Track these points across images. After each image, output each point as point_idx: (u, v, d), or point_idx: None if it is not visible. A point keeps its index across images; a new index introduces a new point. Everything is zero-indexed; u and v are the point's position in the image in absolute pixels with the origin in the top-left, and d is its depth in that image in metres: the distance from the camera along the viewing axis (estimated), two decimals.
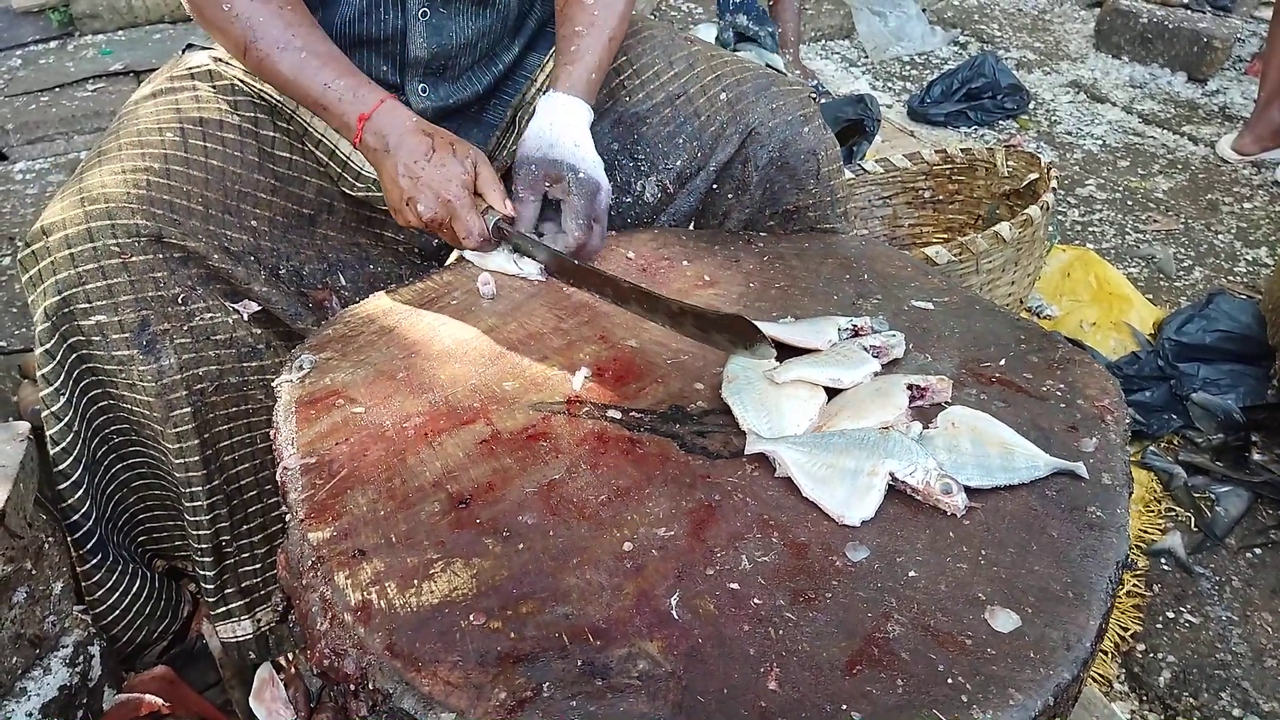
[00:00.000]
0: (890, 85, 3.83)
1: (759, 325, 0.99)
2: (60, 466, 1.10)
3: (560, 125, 1.15)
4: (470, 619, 0.71)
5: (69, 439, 1.09)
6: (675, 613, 0.72)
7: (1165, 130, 3.44)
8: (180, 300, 1.08)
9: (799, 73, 3.55)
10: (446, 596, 0.73)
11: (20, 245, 1.08)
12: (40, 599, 1.15)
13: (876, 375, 0.96)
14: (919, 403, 0.93)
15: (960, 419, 0.89)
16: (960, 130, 3.42)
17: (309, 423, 0.92)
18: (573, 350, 1.03)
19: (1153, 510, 1.77)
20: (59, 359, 1.06)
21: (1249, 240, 2.73)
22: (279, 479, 0.87)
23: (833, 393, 0.94)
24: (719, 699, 0.65)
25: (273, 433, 0.93)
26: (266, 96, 1.20)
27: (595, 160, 1.16)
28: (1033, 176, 2.11)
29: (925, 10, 4.32)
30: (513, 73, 1.34)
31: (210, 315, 1.10)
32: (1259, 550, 1.68)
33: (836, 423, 0.89)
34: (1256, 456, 1.79)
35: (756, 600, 0.73)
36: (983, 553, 0.77)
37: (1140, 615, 1.57)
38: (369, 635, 0.70)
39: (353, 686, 0.70)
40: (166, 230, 1.07)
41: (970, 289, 1.19)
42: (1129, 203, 2.95)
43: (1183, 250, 2.69)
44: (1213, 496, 1.77)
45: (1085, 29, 4.37)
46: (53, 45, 3.82)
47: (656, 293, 1.02)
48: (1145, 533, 1.72)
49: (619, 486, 0.84)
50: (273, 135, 1.20)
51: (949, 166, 2.28)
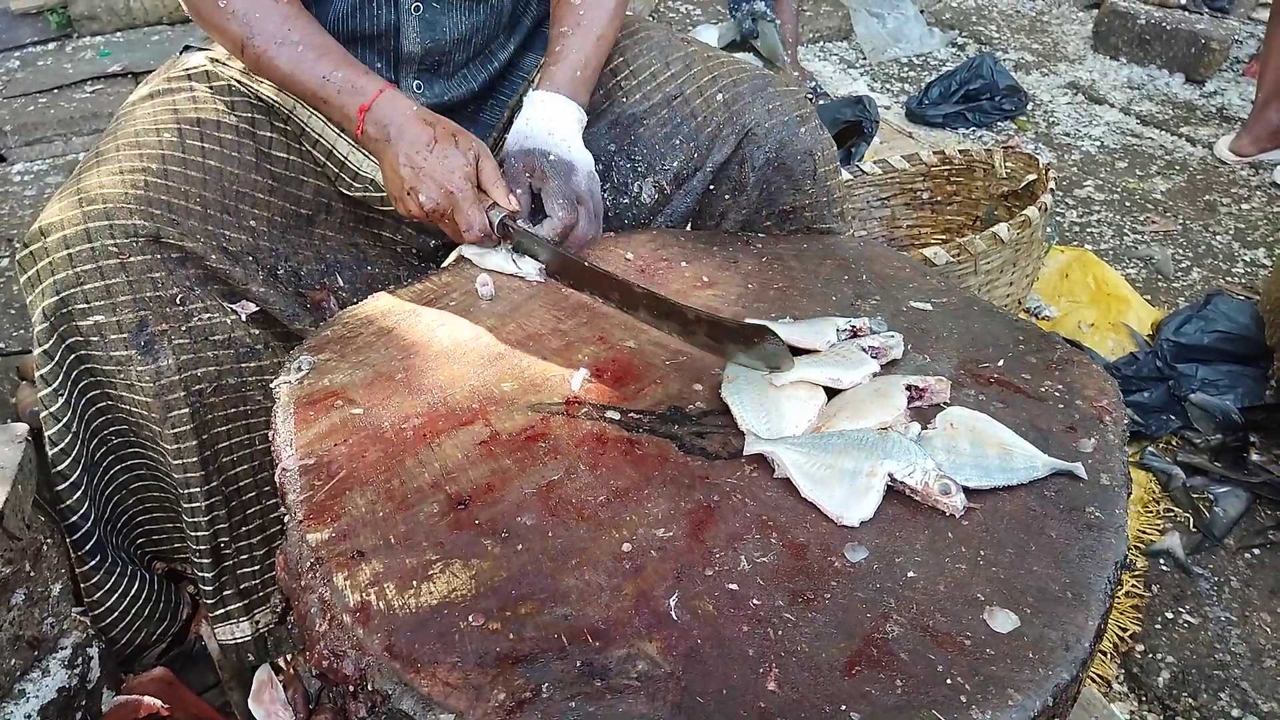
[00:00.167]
0: (888, 87, 3.83)
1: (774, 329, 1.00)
2: (59, 467, 1.10)
3: (537, 119, 1.17)
4: (469, 620, 0.71)
5: (67, 440, 1.09)
6: (674, 613, 0.72)
7: (1163, 131, 3.45)
8: (178, 300, 1.08)
9: (797, 74, 3.55)
10: (445, 597, 0.73)
11: (18, 246, 1.08)
12: (39, 601, 1.15)
13: (875, 376, 0.96)
14: (917, 403, 0.93)
15: (959, 420, 0.89)
16: (958, 131, 3.42)
17: (307, 424, 0.92)
18: (571, 351, 1.02)
19: (1151, 511, 1.77)
20: (57, 360, 1.06)
21: (1247, 241, 2.74)
22: (278, 480, 0.87)
23: (831, 393, 0.94)
24: (718, 699, 0.65)
25: (271, 434, 0.93)
26: (264, 97, 1.20)
27: (570, 143, 1.16)
28: (1031, 178, 2.11)
29: (923, 12, 4.32)
30: (509, 72, 1.34)
31: (208, 316, 1.10)
32: (1257, 551, 1.68)
33: (835, 423, 0.89)
34: (1255, 457, 1.80)
35: (755, 601, 0.73)
36: (981, 553, 0.77)
37: (1139, 616, 1.57)
38: (368, 636, 0.70)
39: (352, 688, 0.70)
40: (164, 230, 1.07)
41: (968, 290, 1.19)
42: (1127, 204, 2.95)
43: (1181, 251, 2.69)
44: (1211, 497, 1.77)
45: (1083, 30, 4.38)
46: (51, 47, 3.82)
47: (670, 299, 1.00)
48: (1144, 533, 1.72)
49: (618, 487, 0.84)
50: (270, 135, 1.20)
51: (947, 168, 2.28)
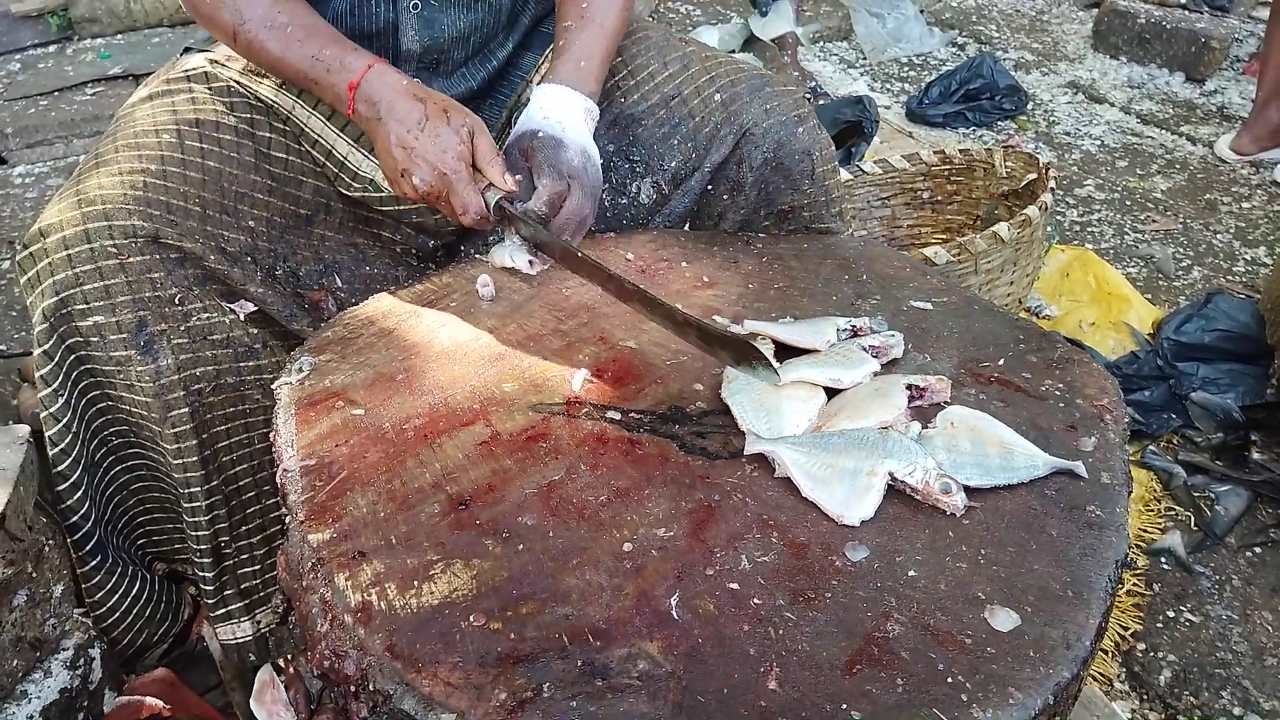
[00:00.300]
0: (888, 86, 3.83)
1: (760, 327, 0.99)
2: (59, 467, 1.11)
3: (534, 107, 1.17)
4: (470, 620, 0.71)
5: (68, 440, 1.09)
6: (675, 613, 0.72)
7: (1163, 130, 3.44)
8: (177, 301, 1.08)
9: (797, 74, 3.55)
10: (446, 597, 0.73)
11: (19, 248, 1.08)
12: (41, 602, 1.15)
13: (875, 375, 0.96)
14: (918, 403, 0.93)
15: (959, 419, 0.89)
16: (959, 131, 3.42)
17: (308, 425, 0.92)
18: (572, 351, 1.03)
19: (1153, 509, 1.77)
20: (57, 360, 1.06)
21: (1247, 240, 2.74)
22: (279, 481, 0.87)
23: (832, 393, 0.94)
24: (719, 699, 0.65)
25: (272, 435, 0.93)
26: (263, 97, 1.20)
27: (564, 123, 1.15)
28: (1031, 177, 2.11)
29: (923, 11, 4.32)
30: (508, 71, 1.34)
31: (207, 315, 1.10)
32: (1259, 549, 1.68)
33: (836, 423, 0.89)
34: (1256, 455, 1.79)
35: (756, 600, 0.73)
36: (982, 552, 0.77)
37: (1140, 614, 1.57)
38: (369, 636, 0.70)
39: (353, 688, 0.70)
40: (163, 231, 1.07)
41: (969, 289, 1.19)
42: (1127, 203, 2.95)
43: (1181, 250, 2.69)
44: (1212, 495, 1.77)
45: (1083, 29, 4.37)
46: (52, 49, 3.82)
47: (659, 298, 1.00)
48: (1145, 532, 1.72)
49: (618, 487, 0.84)
50: (269, 136, 1.20)
51: (947, 167, 2.28)
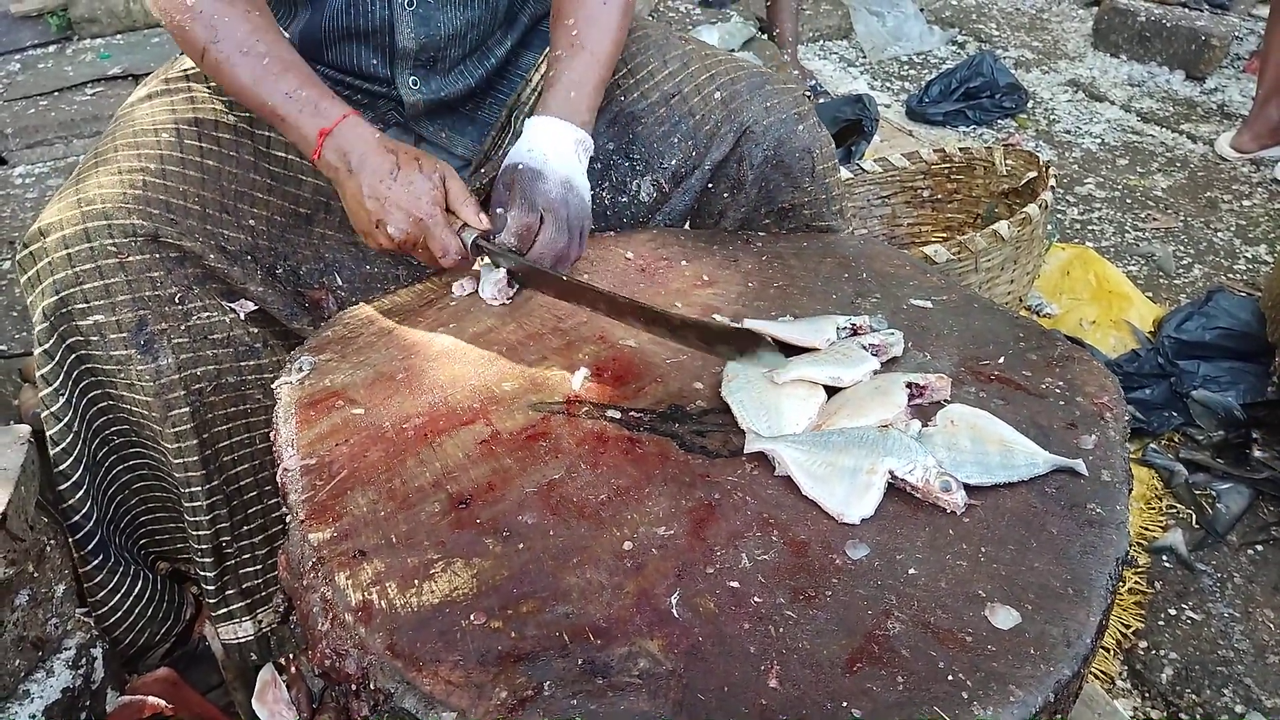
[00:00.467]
0: (889, 85, 3.83)
1: (759, 325, 0.99)
2: (60, 467, 1.11)
3: (521, 141, 1.14)
4: (471, 618, 0.71)
5: (69, 439, 1.09)
6: (675, 611, 0.72)
7: (1164, 128, 3.44)
8: (177, 300, 1.08)
9: (797, 73, 3.55)
10: (447, 596, 0.73)
11: (19, 247, 1.08)
12: (43, 601, 1.15)
13: (875, 374, 0.96)
14: (918, 401, 0.93)
15: (959, 417, 0.89)
16: (959, 129, 3.42)
17: (309, 424, 0.92)
18: (572, 350, 1.03)
19: (1154, 507, 1.77)
20: (57, 359, 1.06)
21: (1248, 238, 2.73)
22: (279, 480, 0.87)
23: (832, 391, 0.94)
24: (720, 697, 0.65)
25: (273, 434, 0.93)
26: None
27: (547, 155, 1.12)
28: (1031, 175, 2.11)
29: (923, 10, 4.32)
30: (506, 70, 1.34)
31: (207, 315, 1.10)
32: (1260, 547, 1.68)
33: (836, 421, 0.89)
34: (1257, 453, 1.79)
35: (757, 598, 0.73)
36: (982, 550, 0.77)
37: (1142, 612, 1.57)
38: (370, 635, 0.70)
39: (354, 686, 0.70)
40: (163, 230, 1.07)
41: (969, 287, 1.19)
42: (1128, 201, 2.95)
43: (1182, 248, 2.69)
44: (1214, 493, 1.77)
45: (1083, 28, 4.37)
46: (51, 49, 3.83)
47: (654, 307, 0.98)
48: (1147, 530, 1.72)
49: (619, 486, 0.84)
50: (268, 135, 1.20)
51: (947, 166, 2.28)
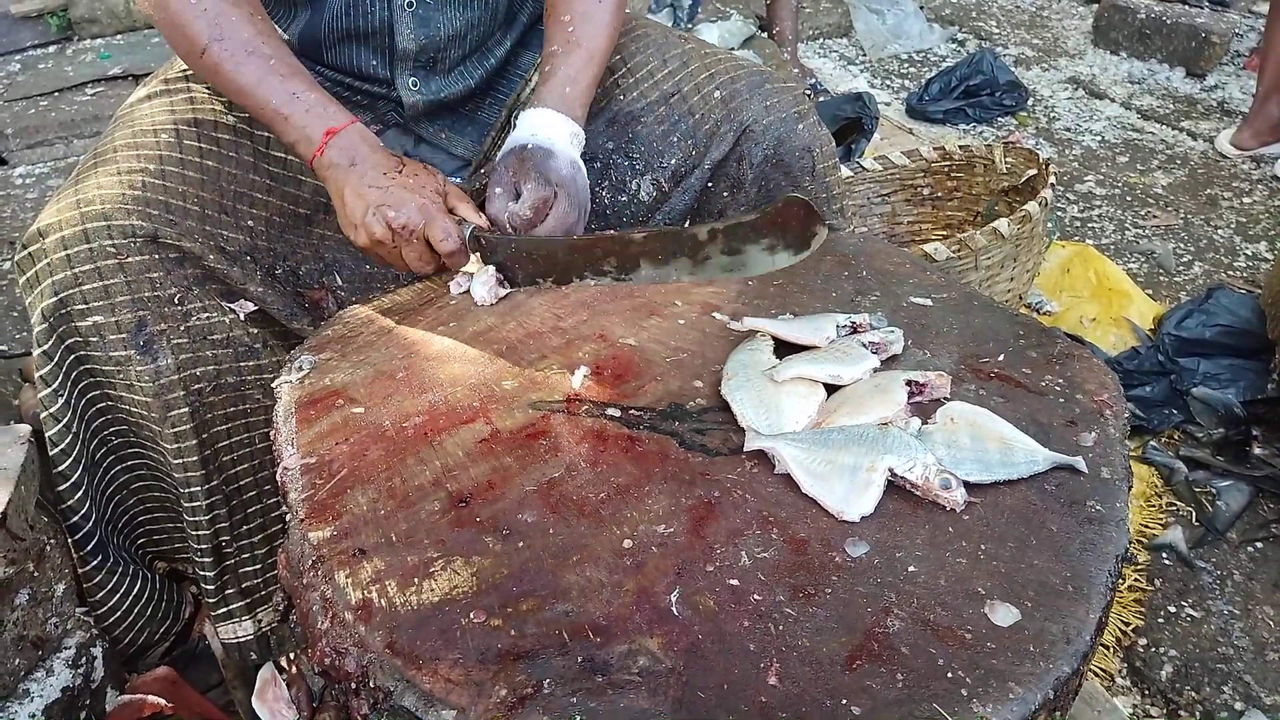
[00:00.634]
0: (889, 83, 3.83)
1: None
2: (59, 467, 1.11)
3: (522, 129, 1.15)
4: (471, 617, 0.71)
5: (68, 440, 1.09)
6: (675, 609, 0.72)
7: (1164, 126, 3.44)
8: (177, 300, 1.08)
9: (797, 71, 3.55)
10: (447, 595, 0.73)
11: (18, 248, 1.08)
12: (42, 601, 1.15)
13: (875, 371, 0.96)
14: (918, 398, 0.93)
15: (959, 414, 0.89)
16: (959, 127, 3.42)
17: (309, 423, 0.92)
18: (572, 349, 1.03)
19: (1154, 505, 1.77)
20: (57, 360, 1.06)
21: (1248, 235, 2.73)
22: (279, 479, 0.87)
23: (831, 389, 0.94)
24: (719, 694, 0.65)
25: (273, 433, 0.93)
26: None
27: (554, 139, 1.13)
28: (1031, 173, 2.11)
29: (923, 8, 4.32)
30: (506, 70, 1.34)
31: (207, 315, 1.10)
32: (1260, 544, 1.68)
33: (835, 419, 0.89)
34: (1257, 451, 1.79)
35: (756, 596, 0.73)
36: (982, 547, 0.77)
37: (1142, 610, 1.57)
38: (370, 634, 0.70)
39: (354, 685, 0.70)
40: (162, 231, 1.07)
41: (969, 285, 1.19)
42: (1128, 198, 2.94)
43: (1182, 245, 2.69)
44: (1214, 491, 1.77)
45: (1083, 25, 4.37)
46: (51, 50, 3.83)
47: (672, 230, 1.00)
48: (1146, 527, 1.72)
49: (618, 484, 0.84)
50: (268, 135, 1.20)
51: (948, 163, 2.28)
